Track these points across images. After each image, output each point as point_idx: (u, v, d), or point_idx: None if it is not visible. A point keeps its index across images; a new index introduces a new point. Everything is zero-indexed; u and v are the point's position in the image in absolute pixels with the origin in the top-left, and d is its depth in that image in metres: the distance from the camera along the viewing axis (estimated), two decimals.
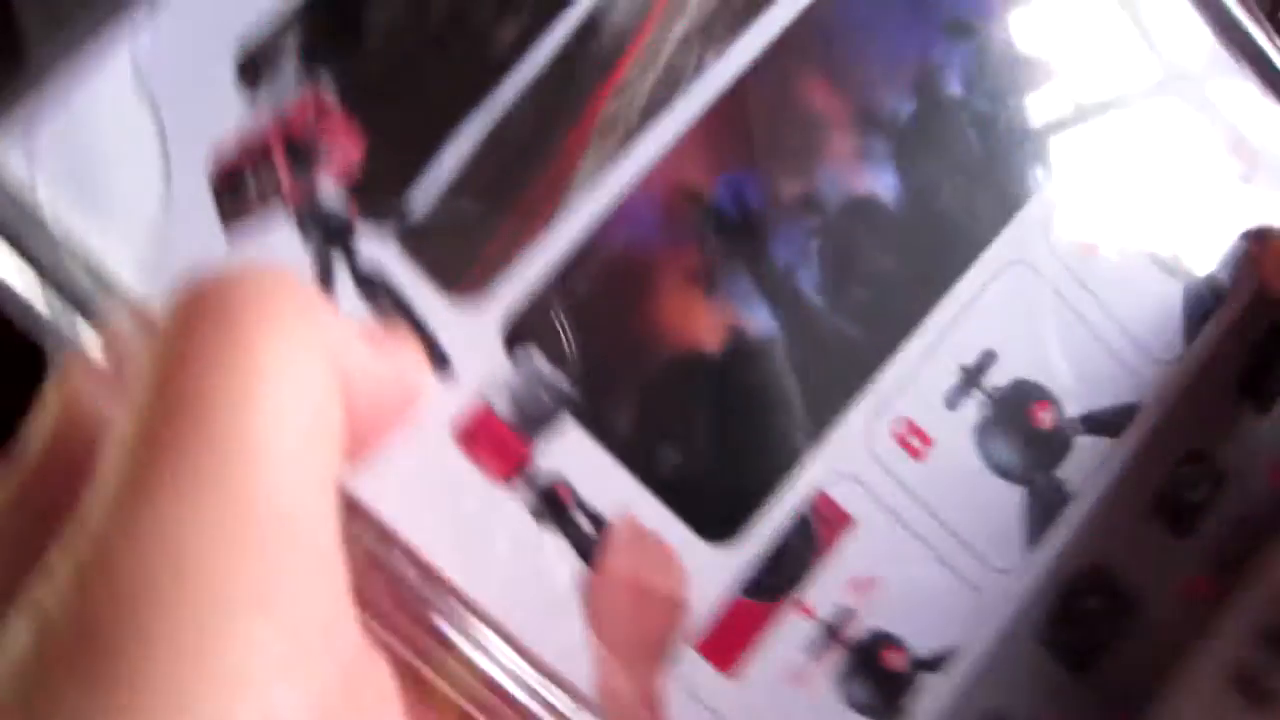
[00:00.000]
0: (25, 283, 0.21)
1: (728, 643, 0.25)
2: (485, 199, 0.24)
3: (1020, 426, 0.27)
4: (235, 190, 0.22)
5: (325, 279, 0.23)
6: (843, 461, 0.25)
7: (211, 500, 0.15)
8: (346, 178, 0.23)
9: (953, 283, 0.26)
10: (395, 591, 0.22)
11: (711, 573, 0.25)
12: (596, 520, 0.24)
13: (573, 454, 0.24)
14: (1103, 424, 0.27)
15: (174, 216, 0.22)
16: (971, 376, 0.26)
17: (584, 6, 0.24)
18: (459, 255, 0.23)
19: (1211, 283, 0.28)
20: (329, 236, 0.23)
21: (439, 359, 0.23)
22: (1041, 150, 0.27)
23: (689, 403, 0.25)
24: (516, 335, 0.24)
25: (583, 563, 0.24)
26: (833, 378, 0.25)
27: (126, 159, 0.22)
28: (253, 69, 0.22)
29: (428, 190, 0.23)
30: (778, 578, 0.25)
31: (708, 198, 0.25)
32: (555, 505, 0.24)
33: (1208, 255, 0.28)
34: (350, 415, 0.18)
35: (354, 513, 0.22)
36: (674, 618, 0.24)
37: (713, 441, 0.25)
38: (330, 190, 0.23)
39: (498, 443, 0.24)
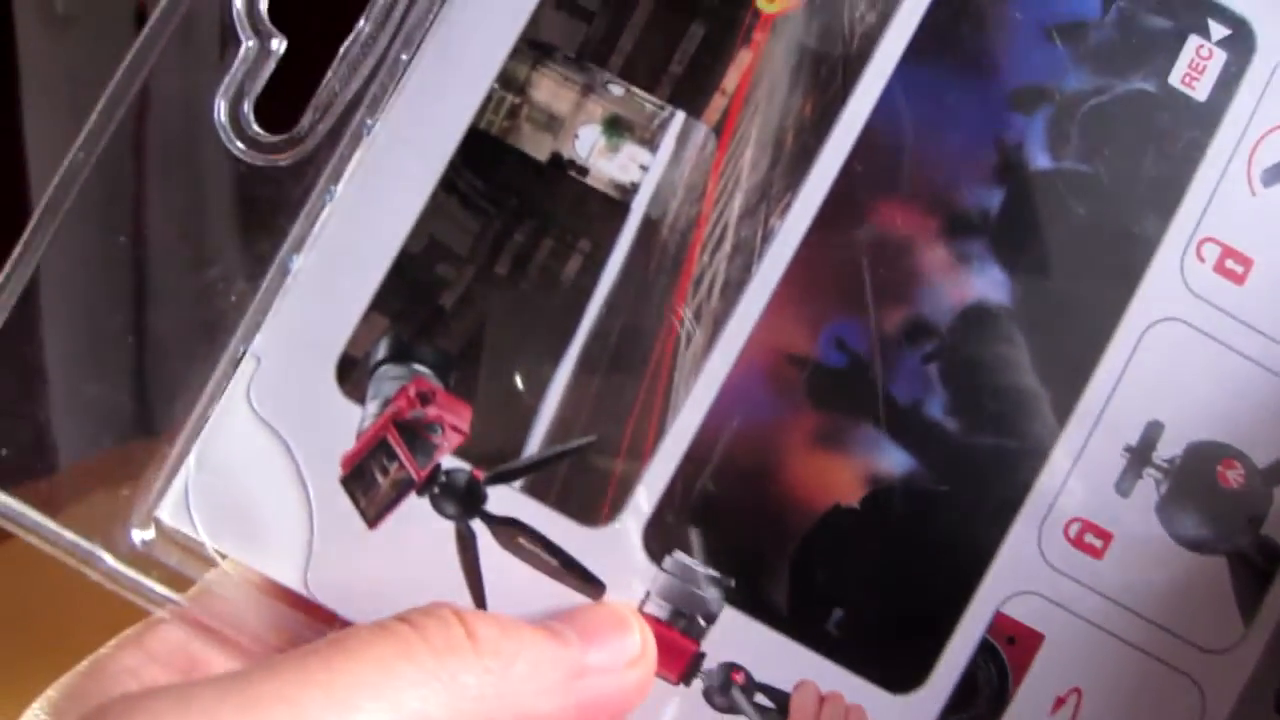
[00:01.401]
0: None
1: None
2: (595, 428, 0.24)
3: (1207, 493, 0.25)
4: (365, 483, 0.24)
5: (469, 546, 0.24)
6: (1019, 579, 0.25)
7: None
8: (464, 448, 0.24)
9: (1093, 365, 0.25)
10: None
11: None
12: (777, 695, 0.25)
13: (740, 640, 0.24)
14: None
15: (322, 526, 0.24)
16: (1139, 455, 0.25)
17: (638, 216, 0.24)
18: (587, 487, 0.24)
19: None
20: (463, 505, 0.24)
21: (592, 583, 0.24)
22: (1155, 194, 0.25)
23: (842, 559, 0.25)
24: (659, 542, 0.24)
25: None
26: (986, 498, 0.25)
27: (269, 490, 0.24)
28: (353, 378, 0.24)
29: (540, 436, 0.24)
30: (975, 712, 0.25)
31: (811, 356, 0.25)
32: (734, 693, 0.25)
33: None
34: None
35: None
36: None
37: (875, 592, 0.25)
38: (453, 462, 0.24)
39: (666, 647, 0.24)
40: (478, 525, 0.24)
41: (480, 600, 0.24)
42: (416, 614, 0.21)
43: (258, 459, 0.24)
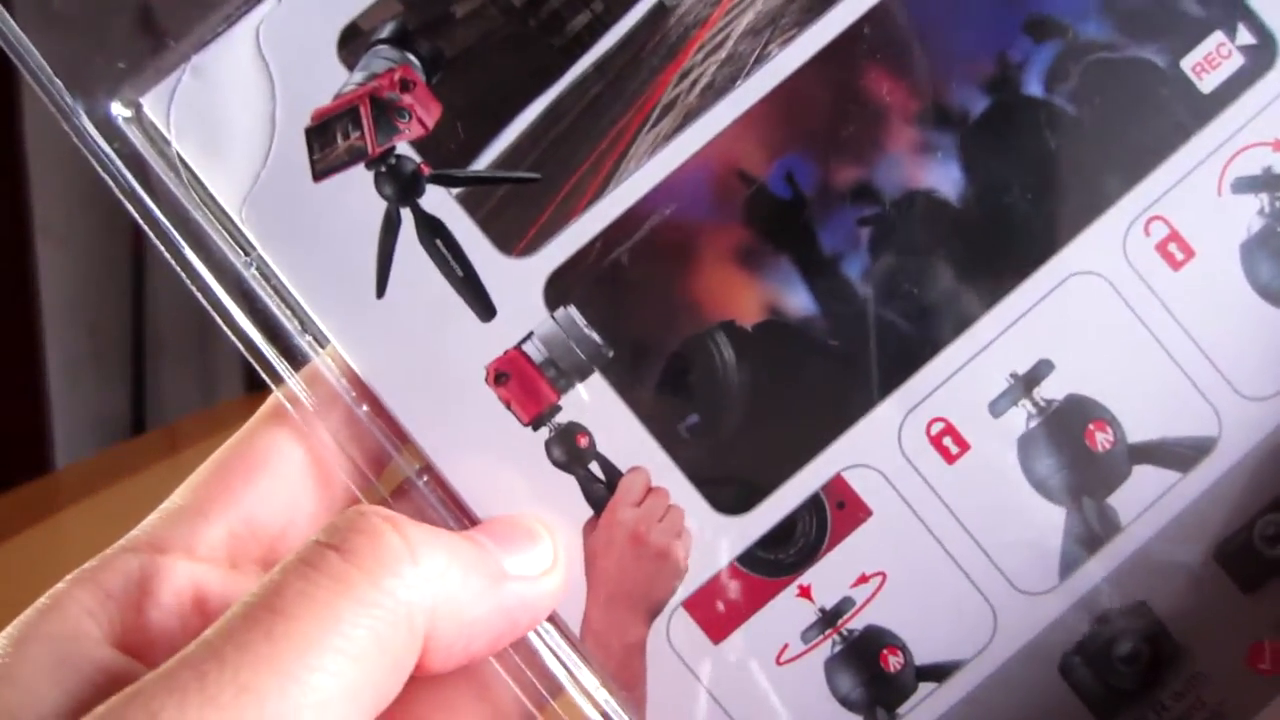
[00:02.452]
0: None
1: (720, 611, 0.25)
2: (542, 167, 0.26)
3: (1071, 444, 0.25)
4: (325, 139, 0.26)
5: (392, 229, 0.26)
6: (868, 451, 0.25)
7: None
8: (421, 142, 0.26)
9: (1012, 287, 0.26)
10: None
11: (716, 541, 0.25)
12: (610, 471, 0.26)
13: (598, 408, 0.26)
14: (1170, 456, 0.25)
15: (274, 168, 0.26)
16: (1022, 385, 0.26)
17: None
18: (515, 218, 0.26)
19: None
20: (400, 191, 0.26)
21: (486, 308, 0.26)
22: (1126, 158, 0.26)
23: (718, 373, 0.26)
24: (559, 293, 0.26)
25: (591, 510, 0.26)
26: (868, 367, 0.26)
27: (243, 116, 0.26)
28: (352, 46, 0.26)
29: (492, 158, 0.26)
30: (782, 557, 0.26)
31: (760, 178, 0.26)
32: (574, 451, 0.26)
33: None
34: (460, 635, 0.22)
35: (400, 437, 0.25)
36: (670, 576, 0.25)
37: (737, 414, 0.26)
38: (407, 151, 0.26)
39: (529, 388, 0.26)
40: (406, 215, 0.26)
41: (383, 283, 0.26)
42: (346, 535, 0.21)
43: (245, 87, 0.26)
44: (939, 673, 0.25)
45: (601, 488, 0.26)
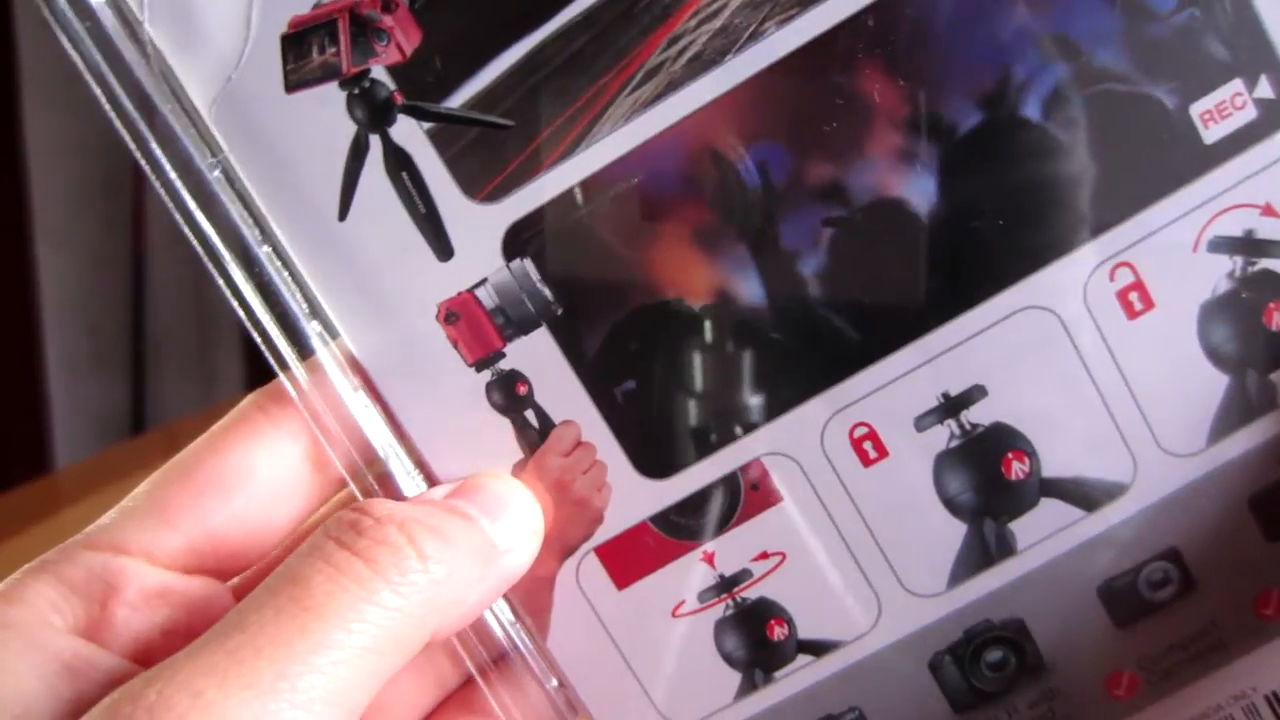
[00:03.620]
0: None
1: (628, 561, 0.27)
2: (516, 115, 0.25)
3: (986, 469, 0.26)
4: (299, 51, 0.25)
5: (359, 154, 0.26)
6: (791, 443, 0.26)
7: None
8: (397, 68, 0.25)
9: (962, 310, 0.26)
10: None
11: (634, 499, 0.27)
12: (544, 420, 0.27)
13: (540, 360, 0.26)
14: (1079, 495, 0.26)
15: (247, 70, 0.25)
16: (951, 406, 0.26)
17: None
18: (483, 162, 0.26)
19: (1265, 388, 0.26)
20: (371, 117, 0.25)
21: (445, 249, 0.26)
22: (1109, 199, 0.25)
23: (659, 344, 0.26)
24: (517, 244, 0.26)
25: (522, 453, 0.27)
26: (806, 364, 0.26)
27: (220, 11, 0.25)
28: None
29: (467, 97, 0.25)
30: (692, 524, 0.27)
31: (731, 161, 0.25)
32: (512, 396, 0.27)
33: (1273, 356, 0.25)
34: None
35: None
36: (586, 523, 0.27)
37: (671, 385, 0.26)
38: (382, 75, 0.25)
39: (477, 331, 0.26)
40: (375, 142, 0.26)
41: (345, 206, 0.26)
42: (364, 541, 0.23)
43: None
44: (818, 648, 0.27)
45: (534, 434, 0.27)
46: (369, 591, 0.22)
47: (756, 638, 0.27)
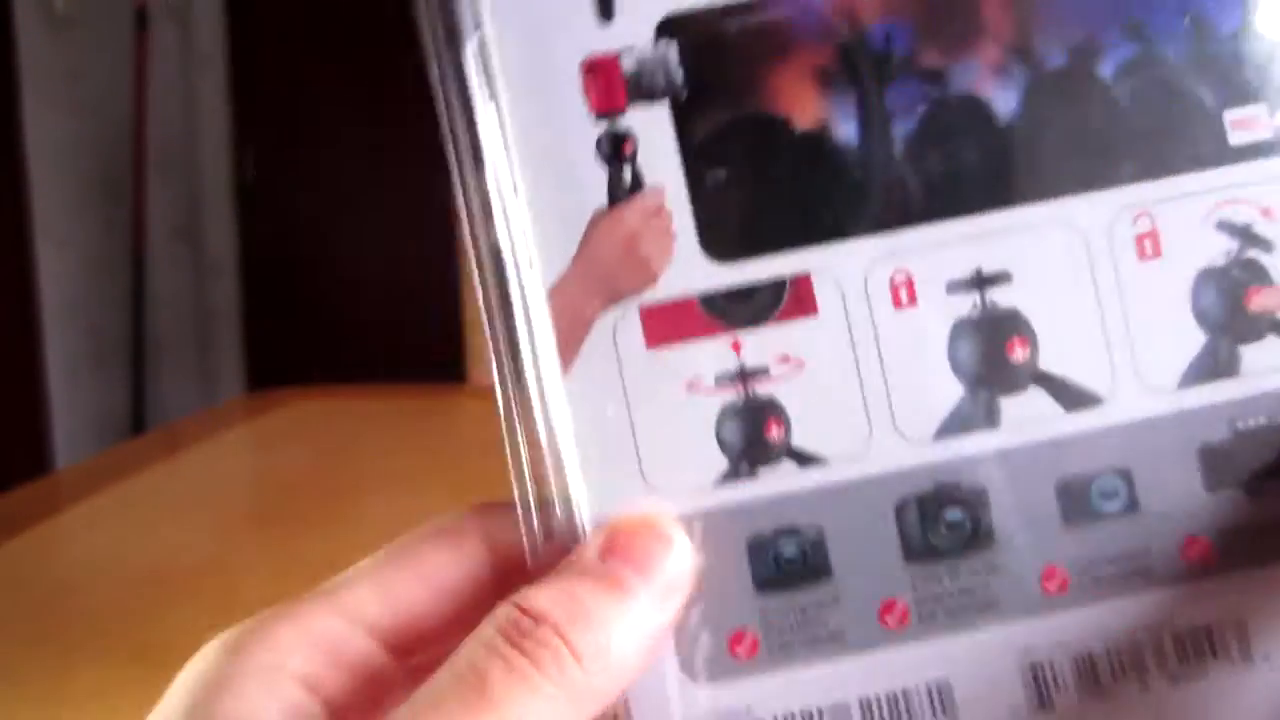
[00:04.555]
0: None
1: (665, 327, 0.30)
2: None
3: (994, 345, 0.30)
4: None
5: None
6: (839, 268, 0.30)
7: None
8: None
9: (1013, 204, 0.30)
10: None
11: (689, 272, 0.30)
12: (637, 180, 0.30)
13: (653, 129, 0.30)
14: (1061, 393, 0.30)
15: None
16: (979, 281, 0.30)
17: None
18: None
19: (1232, 356, 0.30)
20: None
21: (608, 10, 0.30)
22: (1148, 160, 0.30)
23: (759, 149, 0.30)
24: (667, 28, 0.30)
25: (607, 203, 0.30)
26: (875, 205, 0.30)
27: None
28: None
29: None
30: (733, 309, 0.30)
31: (865, 26, 0.30)
32: (617, 151, 0.30)
33: (1244, 331, 0.30)
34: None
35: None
36: (641, 280, 0.30)
37: (757, 185, 0.30)
38: None
39: (608, 87, 0.30)
40: None
41: None
42: (529, 642, 0.25)
43: None
44: (803, 458, 0.30)
45: (624, 189, 0.30)
46: (533, 687, 0.25)
47: (755, 431, 0.30)
